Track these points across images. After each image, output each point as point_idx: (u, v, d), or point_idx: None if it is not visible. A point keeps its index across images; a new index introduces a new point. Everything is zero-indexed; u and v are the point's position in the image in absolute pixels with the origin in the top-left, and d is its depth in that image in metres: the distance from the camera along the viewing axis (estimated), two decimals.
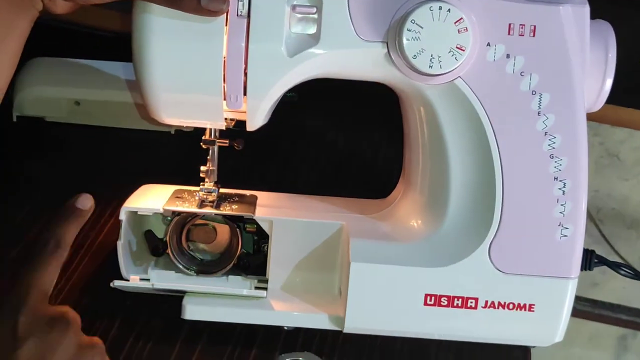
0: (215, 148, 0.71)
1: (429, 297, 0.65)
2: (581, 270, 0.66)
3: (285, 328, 0.69)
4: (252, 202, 0.73)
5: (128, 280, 0.70)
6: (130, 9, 0.63)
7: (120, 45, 0.89)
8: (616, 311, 1.12)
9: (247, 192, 0.76)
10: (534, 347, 0.70)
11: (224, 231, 0.73)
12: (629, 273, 0.74)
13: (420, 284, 0.65)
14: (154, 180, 0.77)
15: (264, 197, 0.75)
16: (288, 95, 0.83)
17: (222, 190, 0.74)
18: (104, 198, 0.82)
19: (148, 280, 0.70)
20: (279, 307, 0.68)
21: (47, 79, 0.88)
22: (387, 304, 0.66)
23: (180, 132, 0.90)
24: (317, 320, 0.68)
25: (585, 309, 1.04)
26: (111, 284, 0.68)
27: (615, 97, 0.66)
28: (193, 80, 0.62)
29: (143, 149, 0.88)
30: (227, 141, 0.71)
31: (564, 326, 0.66)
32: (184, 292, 0.69)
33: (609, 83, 0.66)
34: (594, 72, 0.65)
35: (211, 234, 0.73)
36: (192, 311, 0.68)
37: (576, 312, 0.67)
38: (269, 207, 0.72)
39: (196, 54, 0.61)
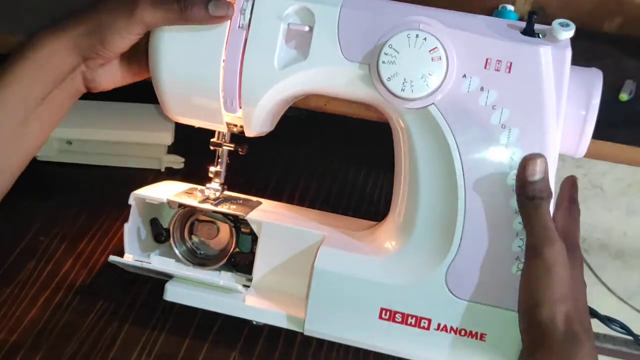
0: (224, 151, 0.78)
1: (384, 312, 0.68)
2: None
3: (254, 323, 0.74)
4: (253, 206, 0.79)
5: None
6: None
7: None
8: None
9: (254, 198, 0.81)
10: None
11: (226, 230, 0.79)
12: (621, 330, 0.73)
13: (377, 297, 0.68)
14: None
15: (267, 204, 0.80)
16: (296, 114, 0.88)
17: (231, 193, 0.80)
18: (94, 236, 0.86)
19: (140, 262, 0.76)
20: (251, 302, 0.73)
21: None
22: (344, 312, 0.69)
23: (171, 170, 0.94)
24: (282, 319, 0.72)
25: None
26: (109, 259, 0.75)
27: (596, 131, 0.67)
28: (197, 84, 0.69)
29: (134, 186, 0.82)
30: (233, 145, 0.77)
31: None
32: (170, 277, 0.76)
33: (589, 128, 0.66)
34: (574, 115, 0.66)
35: (213, 231, 0.79)
36: (173, 293, 0.73)
37: None
38: (265, 212, 0.77)
39: (199, 60, 0.68)
